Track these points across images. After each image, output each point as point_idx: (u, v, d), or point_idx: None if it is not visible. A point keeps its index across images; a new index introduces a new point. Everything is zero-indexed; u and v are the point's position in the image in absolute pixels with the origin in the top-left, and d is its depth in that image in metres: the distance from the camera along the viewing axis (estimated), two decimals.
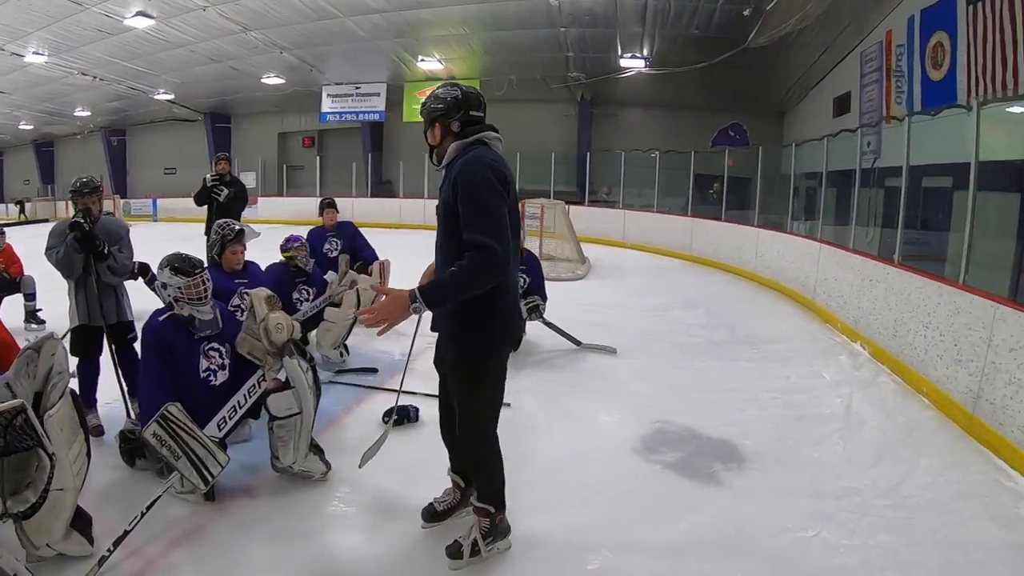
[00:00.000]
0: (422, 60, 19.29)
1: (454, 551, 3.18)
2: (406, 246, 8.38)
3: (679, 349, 7.21)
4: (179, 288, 3.77)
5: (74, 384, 3.55)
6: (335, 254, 7.49)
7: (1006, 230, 7.63)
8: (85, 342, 4.64)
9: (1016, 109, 7.96)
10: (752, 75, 17.45)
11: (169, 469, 3.50)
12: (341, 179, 23.64)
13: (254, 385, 3.82)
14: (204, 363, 3.83)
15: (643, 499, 3.88)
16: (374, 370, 6.06)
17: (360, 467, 3.56)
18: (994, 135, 6.08)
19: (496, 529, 3.23)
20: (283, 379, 3.86)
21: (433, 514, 3.53)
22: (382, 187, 23.84)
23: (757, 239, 12.37)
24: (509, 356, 3.22)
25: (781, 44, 14.66)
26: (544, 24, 16.17)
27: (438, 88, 3.10)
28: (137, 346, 4.63)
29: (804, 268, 9.95)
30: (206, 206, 8.28)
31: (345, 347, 6.30)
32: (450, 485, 3.59)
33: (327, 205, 7.81)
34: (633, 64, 17.76)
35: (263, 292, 3.92)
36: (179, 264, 3.84)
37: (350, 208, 21.80)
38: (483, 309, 2.88)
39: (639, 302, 9.71)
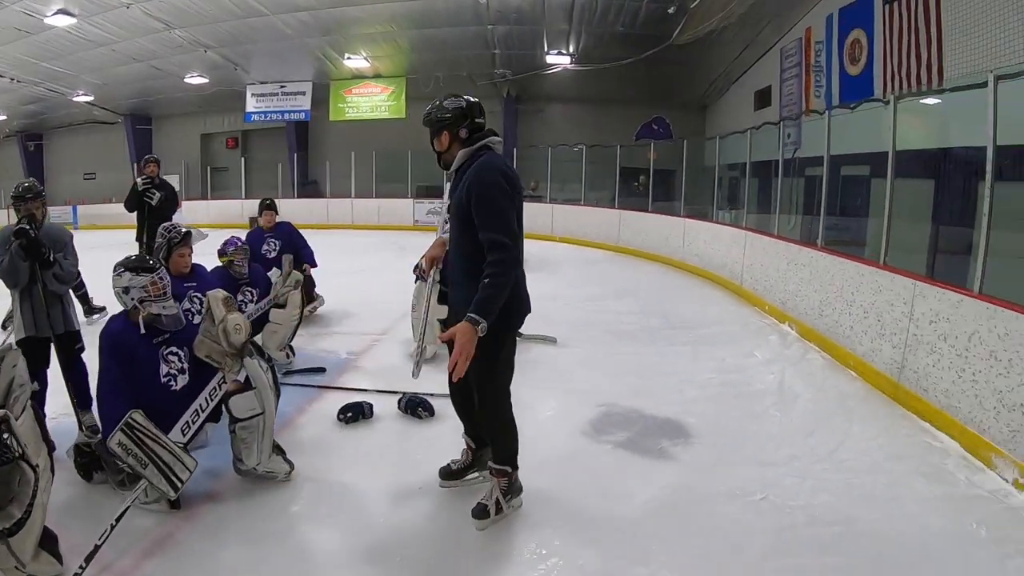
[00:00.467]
0: (348, 58, 19.08)
1: (480, 511, 3.45)
2: (333, 246, 8.39)
3: (616, 336, 7.38)
4: (144, 288, 3.68)
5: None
6: (273, 255, 7.44)
7: (921, 214, 8.08)
8: (32, 354, 4.11)
9: (930, 101, 8.42)
10: (675, 70, 17.83)
11: (130, 480, 3.44)
12: (266, 180, 23.01)
13: (215, 388, 3.73)
14: (164, 368, 3.76)
15: (599, 476, 4.02)
16: (322, 370, 6.02)
17: (415, 377, 3.64)
18: (909, 125, 6.42)
19: (513, 487, 3.54)
20: (242, 380, 3.79)
21: (450, 473, 3.88)
22: (308, 187, 23.44)
23: (684, 229, 12.73)
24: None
25: (704, 40, 15.08)
26: (472, 22, 16.23)
27: (443, 99, 3.35)
28: (85, 356, 4.54)
29: (731, 255, 10.31)
30: (136, 211, 8.09)
31: (291, 348, 6.25)
32: (463, 447, 3.91)
33: (266, 207, 7.78)
34: (559, 61, 17.96)
35: (220, 294, 3.83)
36: (137, 264, 3.77)
37: (278, 208, 21.49)
38: None
39: (573, 293, 9.85)
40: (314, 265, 7.70)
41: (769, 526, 3.46)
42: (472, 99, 3.37)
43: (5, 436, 2.64)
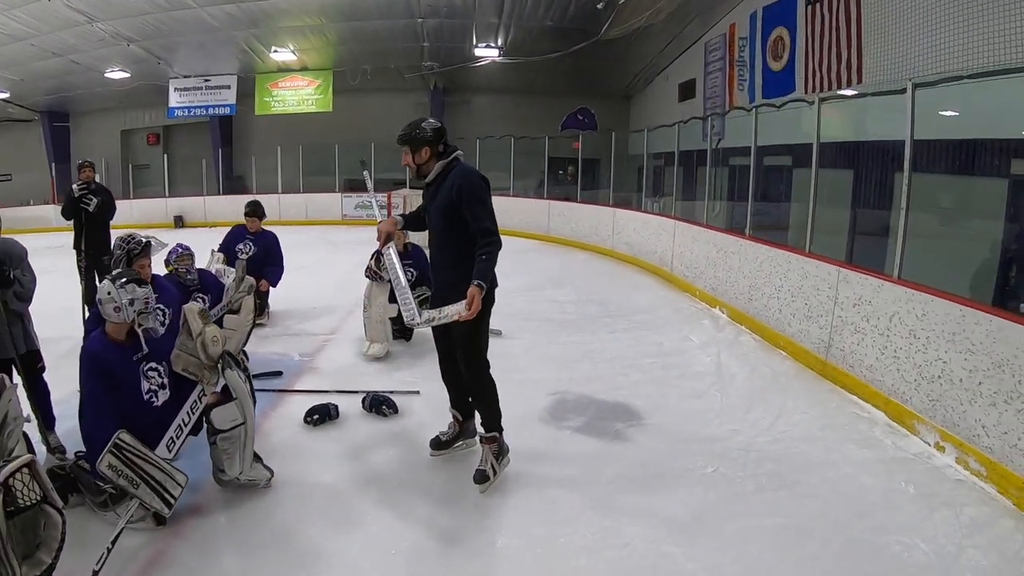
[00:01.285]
0: (275, 51, 18.75)
1: (481, 476, 3.92)
2: None
3: (557, 326, 7.65)
4: (145, 300, 3.61)
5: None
6: (243, 257, 7.51)
7: (841, 201, 8.60)
8: None
9: (848, 92, 8.94)
10: (601, 63, 18.14)
11: (112, 500, 3.39)
12: (190, 177, 22.32)
13: (195, 401, 3.74)
14: (145, 384, 3.66)
15: (563, 461, 4.29)
16: (279, 373, 6.01)
17: (416, 323, 3.93)
18: (829, 119, 6.83)
19: (501, 448, 4.05)
20: (219, 391, 3.81)
21: (439, 443, 4.37)
22: (233, 183, 22.72)
23: (614, 218, 13.13)
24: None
25: (631, 35, 15.45)
26: (403, 15, 16.28)
27: (420, 121, 3.93)
28: (47, 376, 4.43)
29: (661, 243, 10.74)
30: (74, 218, 7.69)
31: (244, 353, 6.18)
32: (450, 420, 4.40)
33: (247, 213, 7.89)
34: (487, 54, 18.05)
35: (195, 307, 3.80)
36: (133, 276, 3.68)
37: (202, 207, 21.06)
38: None
39: (509, 284, 9.84)
40: (273, 285, 7.77)
41: (722, 495, 3.81)
42: (439, 121, 4.00)
43: (28, 481, 2.55)
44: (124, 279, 3.65)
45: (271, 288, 7.77)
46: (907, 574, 3.12)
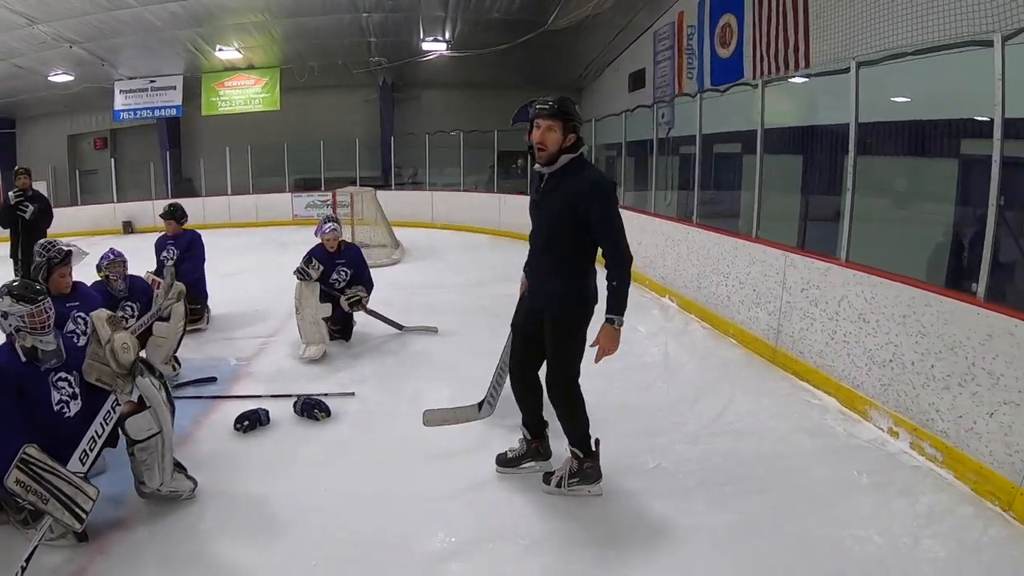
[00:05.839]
0: (220, 50, 18.39)
1: (547, 478, 3.72)
2: (211, 247, 7.98)
3: (501, 321, 7.22)
4: (21, 318, 3.43)
5: None
6: (171, 263, 7.28)
7: (792, 186, 8.55)
8: None
9: (797, 81, 8.88)
10: (551, 54, 18.18)
11: (33, 518, 3.27)
12: (139, 181, 21.65)
13: (109, 411, 3.56)
14: (55, 395, 3.54)
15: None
16: (213, 379, 5.81)
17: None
18: (778, 105, 6.75)
19: (582, 472, 3.65)
20: (135, 400, 3.64)
21: (505, 460, 3.99)
22: (182, 186, 22.11)
23: None
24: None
25: (579, 25, 15.50)
26: (347, 9, 16.17)
27: (565, 98, 3.32)
28: None
29: None
30: (10, 227, 7.67)
31: (176, 359, 5.97)
32: (519, 437, 4.03)
33: (162, 215, 7.77)
34: (435, 47, 18.03)
35: (103, 314, 3.68)
36: (19, 291, 3.50)
37: (151, 212, 20.02)
38: (583, 287, 3.48)
39: (456, 279, 9.92)
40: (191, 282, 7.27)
41: (663, 489, 3.63)
42: None
43: None
44: (4, 291, 3.52)
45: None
46: (860, 570, 2.94)
